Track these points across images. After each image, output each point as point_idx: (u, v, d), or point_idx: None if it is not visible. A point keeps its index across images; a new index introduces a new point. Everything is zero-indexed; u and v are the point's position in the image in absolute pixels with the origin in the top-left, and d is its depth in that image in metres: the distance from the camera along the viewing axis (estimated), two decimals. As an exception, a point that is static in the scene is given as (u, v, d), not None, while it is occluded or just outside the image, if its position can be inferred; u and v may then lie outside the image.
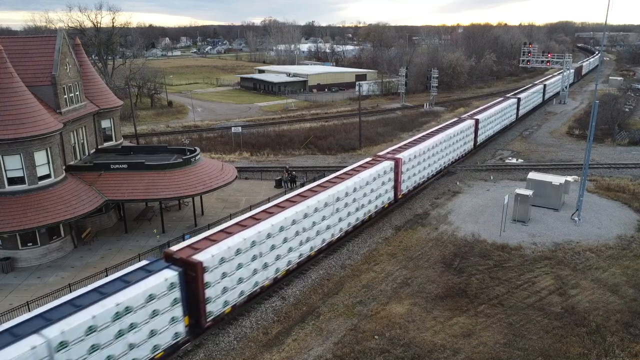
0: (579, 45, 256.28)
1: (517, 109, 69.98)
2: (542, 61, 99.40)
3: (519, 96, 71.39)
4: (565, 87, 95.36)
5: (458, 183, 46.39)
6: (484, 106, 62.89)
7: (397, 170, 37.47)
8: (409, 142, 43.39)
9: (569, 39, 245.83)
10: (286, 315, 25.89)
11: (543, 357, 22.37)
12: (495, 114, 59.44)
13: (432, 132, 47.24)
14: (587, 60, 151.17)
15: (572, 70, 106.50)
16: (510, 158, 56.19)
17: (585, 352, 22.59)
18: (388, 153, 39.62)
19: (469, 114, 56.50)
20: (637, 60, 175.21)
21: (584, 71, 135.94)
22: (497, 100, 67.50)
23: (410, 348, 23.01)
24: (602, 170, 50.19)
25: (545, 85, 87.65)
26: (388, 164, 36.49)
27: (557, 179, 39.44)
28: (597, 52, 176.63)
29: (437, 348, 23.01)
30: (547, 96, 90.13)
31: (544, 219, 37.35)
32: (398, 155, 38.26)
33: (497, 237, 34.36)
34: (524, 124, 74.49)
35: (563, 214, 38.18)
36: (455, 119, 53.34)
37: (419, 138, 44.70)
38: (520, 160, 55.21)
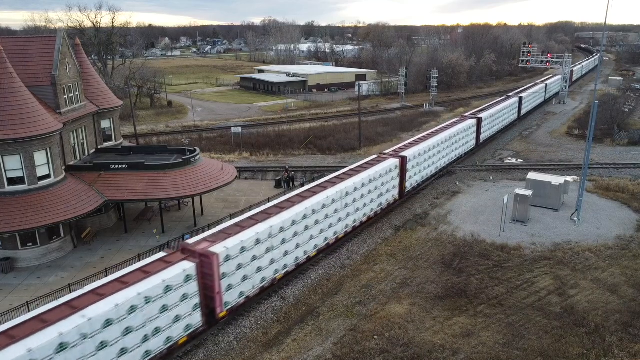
0: (582, 46, 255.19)
1: (478, 131, 55.09)
2: (542, 61, 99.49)
3: (480, 115, 55.84)
4: (565, 87, 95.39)
5: (457, 183, 46.42)
6: (423, 134, 47.63)
7: (213, 268, 22.54)
8: (279, 203, 28.79)
9: (568, 39, 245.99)
10: (286, 316, 25.92)
11: (542, 357, 22.40)
12: (439, 145, 45.07)
13: (321, 183, 32.51)
14: (579, 64, 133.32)
15: (560, 77, 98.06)
16: (509, 158, 56.22)
17: (585, 352, 22.62)
18: (226, 230, 24.91)
19: (393, 149, 41.06)
20: (637, 60, 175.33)
21: (575, 76, 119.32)
22: (448, 123, 52.62)
23: (410, 348, 23.04)
24: (601, 171, 50.24)
25: (521, 98, 71.83)
26: (194, 264, 21.95)
27: (556, 179, 39.48)
28: (591, 55, 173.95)
29: (437, 348, 23.04)
30: (524, 111, 74.92)
31: (543, 219, 37.39)
32: (227, 241, 23.57)
33: (497, 237, 34.40)
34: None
35: (562, 214, 38.21)
36: (375, 155, 39.34)
37: (296, 196, 29.89)
38: (519, 161, 55.25)
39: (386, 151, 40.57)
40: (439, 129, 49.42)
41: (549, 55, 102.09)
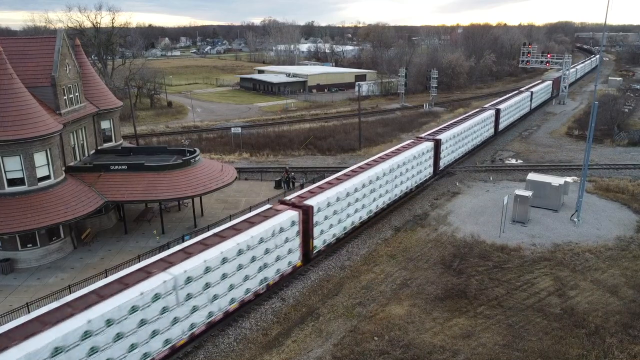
0: (584, 47, 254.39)
1: (436, 156, 44.75)
2: (542, 61, 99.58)
3: (439, 137, 45.53)
4: (565, 87, 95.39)
5: (457, 184, 46.42)
6: (354, 167, 36.82)
7: None
8: (65, 304, 18.62)
9: (568, 39, 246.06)
10: (286, 317, 25.92)
11: (542, 358, 22.40)
12: (372, 182, 34.82)
13: (149, 266, 21.52)
14: (573, 67, 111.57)
15: (549, 82, 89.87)
16: (509, 159, 56.22)
17: (585, 353, 22.62)
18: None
19: (299, 194, 30.99)
20: (637, 60, 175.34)
21: (567, 81, 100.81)
22: (398, 147, 42.18)
23: (410, 349, 23.05)
24: (601, 171, 50.24)
25: (498, 111, 60.89)
26: None
27: (556, 180, 39.49)
28: (588, 57, 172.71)
29: (437, 349, 23.04)
30: (502, 125, 63.85)
31: (543, 219, 37.40)
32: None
33: (497, 238, 34.40)
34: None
35: (562, 215, 38.21)
36: (267, 207, 28.86)
37: (104, 286, 19.83)
38: (519, 161, 55.25)
39: (288, 197, 30.45)
40: (379, 158, 38.72)
41: (548, 55, 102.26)
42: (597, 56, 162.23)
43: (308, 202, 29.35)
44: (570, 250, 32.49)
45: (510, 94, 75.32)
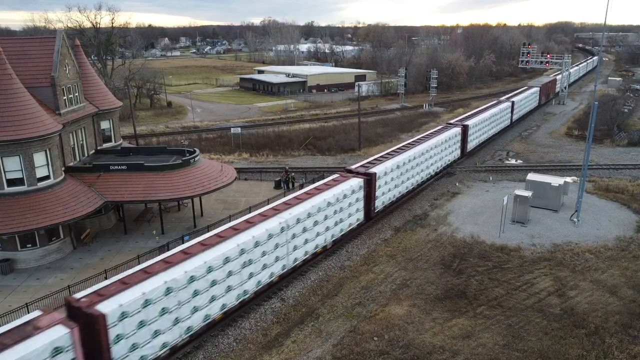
0: (586, 48, 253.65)
1: (369, 197, 34.48)
2: (542, 62, 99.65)
3: (374, 170, 35.05)
4: (565, 88, 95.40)
5: (457, 184, 46.41)
6: (237, 222, 26.30)
7: None
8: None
9: (568, 39, 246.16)
10: (285, 317, 25.91)
11: (542, 358, 22.39)
12: (249, 251, 24.10)
13: None
14: (566, 70, 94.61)
15: (536, 89, 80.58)
16: (509, 159, 56.21)
17: (584, 353, 22.61)
18: None
19: (95, 291, 18.90)
20: (636, 60, 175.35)
21: (558, 87, 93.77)
22: (304, 191, 31.06)
23: (409, 349, 23.03)
24: (601, 171, 50.23)
25: (466, 127, 50.27)
26: None
27: (556, 180, 39.48)
28: (585, 59, 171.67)
29: (436, 349, 23.03)
30: (472, 143, 53.04)
31: (543, 220, 37.39)
32: None
33: (497, 238, 34.39)
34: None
35: (562, 215, 38.21)
36: (27, 318, 17.52)
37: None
38: (519, 161, 55.23)
39: (78, 296, 18.65)
40: (273, 209, 27.83)
41: (548, 55, 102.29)
42: (596, 57, 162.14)
43: (101, 306, 17.35)
44: (570, 251, 32.48)
45: (487, 105, 64.16)
